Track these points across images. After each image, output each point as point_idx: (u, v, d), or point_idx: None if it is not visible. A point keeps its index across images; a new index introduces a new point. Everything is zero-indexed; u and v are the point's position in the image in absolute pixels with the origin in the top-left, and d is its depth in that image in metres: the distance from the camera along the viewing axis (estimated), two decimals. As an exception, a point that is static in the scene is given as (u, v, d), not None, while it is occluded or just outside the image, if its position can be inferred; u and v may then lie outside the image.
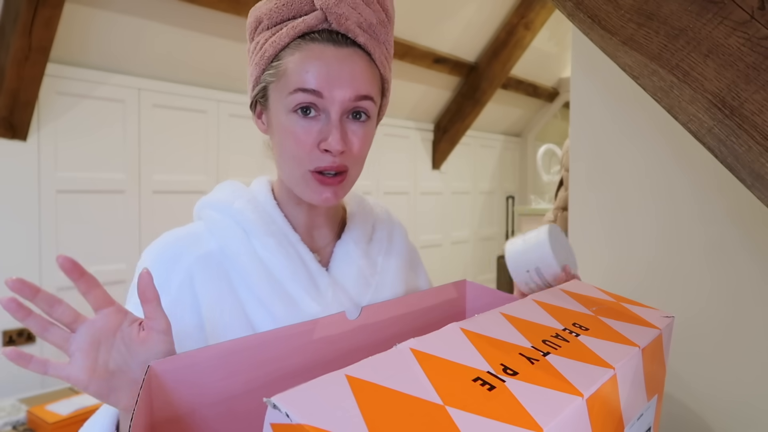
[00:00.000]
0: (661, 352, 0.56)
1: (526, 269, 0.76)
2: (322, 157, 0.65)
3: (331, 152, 0.64)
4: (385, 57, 0.70)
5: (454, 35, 3.66)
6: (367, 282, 0.74)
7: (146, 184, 2.62)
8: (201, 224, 0.72)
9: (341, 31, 0.65)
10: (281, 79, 0.65)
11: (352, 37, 0.66)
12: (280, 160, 0.69)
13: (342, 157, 0.65)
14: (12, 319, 2.26)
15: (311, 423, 0.27)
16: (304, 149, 0.65)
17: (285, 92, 0.65)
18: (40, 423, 1.92)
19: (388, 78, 0.72)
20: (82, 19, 2.24)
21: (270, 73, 0.67)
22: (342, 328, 0.61)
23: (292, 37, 0.65)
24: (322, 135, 0.64)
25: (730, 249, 0.92)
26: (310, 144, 0.65)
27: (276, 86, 0.66)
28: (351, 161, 0.67)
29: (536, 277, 0.75)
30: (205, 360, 0.50)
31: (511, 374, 0.38)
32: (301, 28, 0.65)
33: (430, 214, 4.30)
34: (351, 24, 0.65)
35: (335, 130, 0.64)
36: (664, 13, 0.55)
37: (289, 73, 0.64)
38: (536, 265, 0.74)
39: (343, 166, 0.66)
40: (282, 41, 0.65)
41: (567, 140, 2.05)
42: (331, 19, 0.64)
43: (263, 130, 0.72)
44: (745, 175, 0.63)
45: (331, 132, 0.64)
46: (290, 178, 0.69)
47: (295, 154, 0.66)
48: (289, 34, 0.65)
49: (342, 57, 0.65)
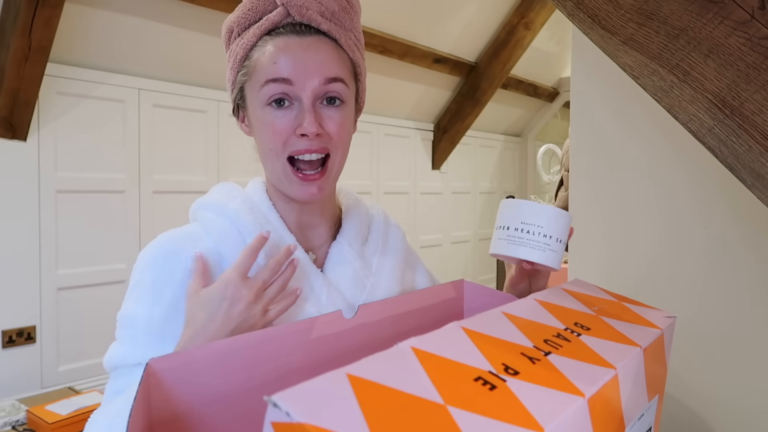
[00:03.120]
0: (662, 352, 0.56)
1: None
2: (298, 142, 0.67)
3: (308, 135, 0.66)
4: (354, 43, 0.72)
5: (454, 35, 3.66)
6: (362, 283, 0.75)
7: (146, 184, 2.62)
8: (197, 225, 0.72)
9: (304, 21, 0.68)
10: (252, 76, 0.68)
11: (315, 25, 0.68)
12: (262, 157, 0.71)
13: (319, 140, 0.67)
14: (12, 319, 2.27)
15: (312, 422, 0.27)
16: (281, 138, 0.67)
17: (257, 87, 0.67)
18: (40, 423, 1.92)
19: (359, 63, 0.74)
20: (82, 19, 2.24)
21: (242, 73, 0.70)
22: (340, 327, 0.61)
23: (258, 36, 0.68)
24: (297, 121, 0.67)
25: (731, 249, 0.92)
26: (286, 132, 0.67)
27: (249, 84, 0.69)
28: (331, 146, 0.69)
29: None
30: (203, 358, 0.50)
31: (512, 374, 0.38)
32: (266, 26, 0.68)
33: (430, 214, 4.30)
34: (312, 13, 0.68)
35: (308, 114, 0.66)
36: (664, 13, 0.55)
37: (259, 68, 0.67)
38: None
39: (322, 149, 0.68)
40: (250, 41, 0.68)
41: (567, 140, 2.05)
42: (293, 12, 0.67)
43: (247, 132, 0.74)
44: (745, 175, 0.63)
45: (305, 116, 0.66)
46: (273, 175, 0.71)
47: (273, 146, 0.68)
48: (256, 34, 0.68)
49: (306, 44, 0.67)
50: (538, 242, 0.68)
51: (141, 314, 0.65)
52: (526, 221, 0.68)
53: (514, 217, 0.69)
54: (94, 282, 2.47)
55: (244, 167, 2.92)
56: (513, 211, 0.69)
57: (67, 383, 2.40)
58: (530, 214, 0.68)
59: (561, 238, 0.69)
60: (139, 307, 0.65)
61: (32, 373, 2.31)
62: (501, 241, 0.70)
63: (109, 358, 0.66)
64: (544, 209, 0.69)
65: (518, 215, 0.69)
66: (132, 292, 0.67)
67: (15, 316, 2.26)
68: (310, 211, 0.75)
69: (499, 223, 0.71)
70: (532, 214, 0.68)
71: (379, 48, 3.24)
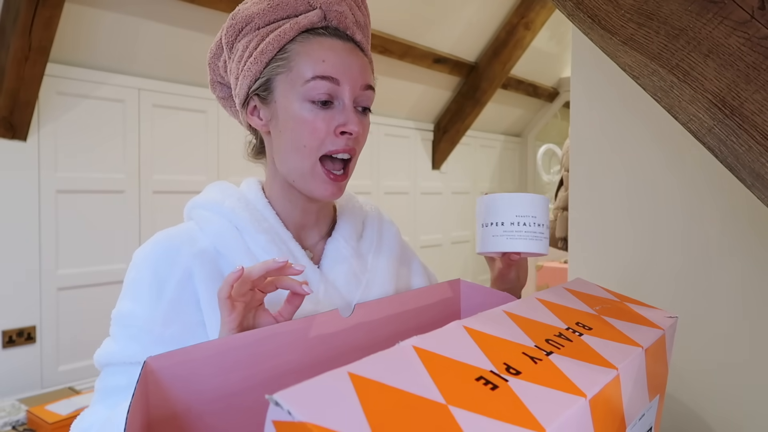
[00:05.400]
0: (663, 352, 0.56)
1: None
2: (336, 140, 0.68)
3: (351, 134, 0.68)
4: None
5: (454, 35, 3.66)
6: (358, 279, 0.75)
7: (146, 184, 2.62)
8: (192, 224, 0.72)
9: (341, 28, 0.70)
10: (293, 70, 0.68)
11: (350, 34, 0.71)
12: (286, 151, 0.70)
13: (353, 141, 0.70)
14: (12, 319, 2.27)
15: (313, 421, 0.27)
16: (319, 136, 0.68)
17: (299, 81, 0.67)
18: (40, 423, 1.92)
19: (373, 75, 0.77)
20: (81, 19, 2.24)
21: (277, 65, 0.69)
22: (338, 326, 0.61)
23: (297, 32, 0.68)
24: (338, 120, 0.68)
25: (731, 249, 0.92)
26: (325, 131, 0.68)
27: (286, 77, 0.68)
28: (358, 148, 0.71)
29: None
30: (201, 357, 0.49)
31: (514, 374, 0.38)
32: (304, 23, 0.68)
33: (430, 214, 4.30)
34: (349, 22, 0.70)
35: (352, 114, 0.68)
36: (664, 13, 0.55)
37: (303, 63, 0.67)
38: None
39: (353, 149, 0.70)
40: (287, 35, 0.68)
41: (567, 140, 2.05)
42: (330, 17, 0.69)
43: (260, 125, 0.73)
44: (745, 175, 0.63)
45: (349, 117, 0.68)
46: (295, 171, 0.70)
47: (307, 143, 0.68)
48: (294, 29, 0.68)
49: (349, 50, 0.70)
50: (534, 233, 0.70)
51: (140, 313, 0.64)
52: (520, 214, 0.70)
53: (508, 212, 0.70)
54: (94, 282, 2.47)
55: (244, 167, 2.91)
56: (504, 206, 0.70)
57: (67, 383, 2.40)
58: (524, 206, 0.70)
59: (548, 222, 0.72)
60: (137, 306, 0.64)
61: (32, 373, 2.31)
62: (497, 237, 0.70)
63: (101, 354, 0.66)
64: (535, 199, 0.70)
65: (511, 210, 0.70)
66: (128, 290, 0.66)
67: (15, 316, 2.26)
68: (310, 210, 0.76)
69: (490, 219, 0.71)
70: (525, 205, 0.70)
71: (379, 48, 3.24)
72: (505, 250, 0.70)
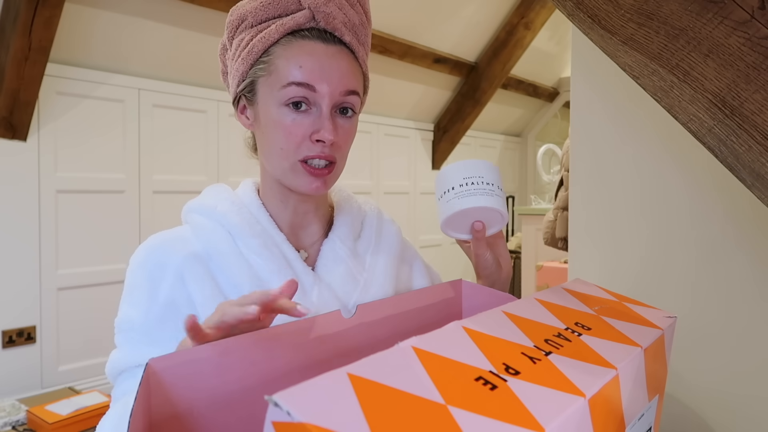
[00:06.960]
0: (663, 352, 0.56)
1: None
2: (313, 147, 0.67)
3: (324, 142, 0.67)
4: (365, 55, 0.74)
5: (454, 35, 3.67)
6: (355, 280, 0.74)
7: (146, 184, 2.62)
8: (187, 227, 0.72)
9: (329, 29, 0.69)
10: (272, 74, 0.67)
11: (338, 35, 0.69)
12: (268, 152, 0.71)
13: (330, 148, 0.68)
14: (12, 319, 2.27)
15: (313, 421, 0.27)
16: (294, 141, 0.67)
17: (277, 86, 0.67)
18: (40, 423, 1.92)
19: (368, 75, 0.76)
20: (81, 19, 2.25)
21: (260, 68, 0.69)
22: (338, 327, 0.61)
23: (281, 34, 0.68)
24: (313, 127, 0.67)
25: (731, 249, 0.92)
26: (301, 136, 0.67)
27: (266, 80, 0.68)
28: (339, 154, 0.70)
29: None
30: (202, 357, 0.50)
31: (513, 374, 0.38)
32: (290, 25, 0.67)
33: (430, 214, 4.30)
34: (338, 23, 0.69)
35: (327, 121, 0.67)
36: (664, 13, 0.55)
37: (281, 67, 0.67)
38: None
39: (331, 156, 0.69)
40: (271, 37, 0.68)
41: (567, 140, 2.05)
42: (318, 17, 0.68)
43: (247, 125, 0.74)
44: (745, 175, 0.63)
45: (323, 124, 0.67)
46: (278, 169, 0.70)
47: (284, 146, 0.68)
48: (279, 31, 0.67)
49: (331, 53, 0.68)
50: (484, 189, 0.71)
51: (136, 317, 0.65)
52: (467, 176, 0.71)
53: (455, 177, 0.71)
54: (94, 282, 2.47)
55: (243, 167, 2.92)
56: (452, 173, 0.72)
57: (67, 383, 2.40)
58: (469, 169, 0.71)
59: (500, 185, 0.73)
60: (133, 311, 0.66)
61: (32, 373, 2.32)
62: (449, 202, 0.71)
63: (110, 367, 0.66)
64: (478, 163, 0.72)
65: (458, 174, 0.71)
66: (126, 296, 0.68)
67: (15, 316, 2.26)
68: (304, 210, 0.75)
69: (442, 189, 0.73)
70: (470, 168, 0.71)
71: (379, 48, 3.24)
72: (457, 209, 0.70)
